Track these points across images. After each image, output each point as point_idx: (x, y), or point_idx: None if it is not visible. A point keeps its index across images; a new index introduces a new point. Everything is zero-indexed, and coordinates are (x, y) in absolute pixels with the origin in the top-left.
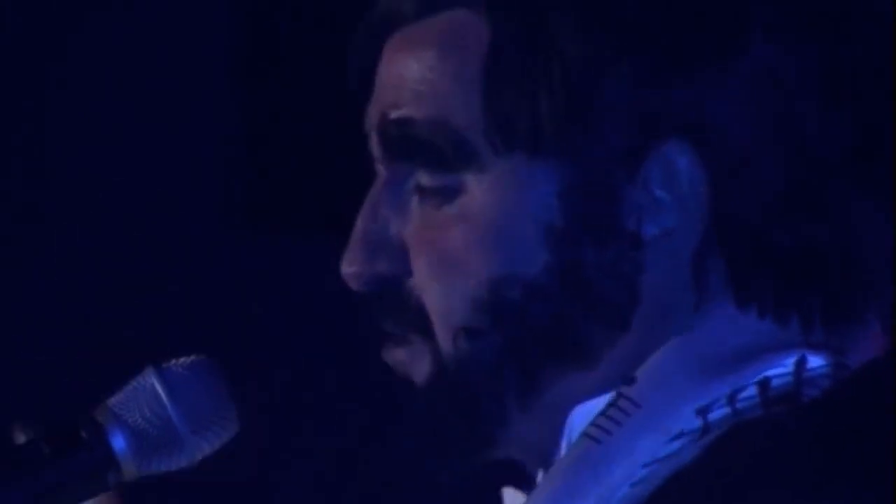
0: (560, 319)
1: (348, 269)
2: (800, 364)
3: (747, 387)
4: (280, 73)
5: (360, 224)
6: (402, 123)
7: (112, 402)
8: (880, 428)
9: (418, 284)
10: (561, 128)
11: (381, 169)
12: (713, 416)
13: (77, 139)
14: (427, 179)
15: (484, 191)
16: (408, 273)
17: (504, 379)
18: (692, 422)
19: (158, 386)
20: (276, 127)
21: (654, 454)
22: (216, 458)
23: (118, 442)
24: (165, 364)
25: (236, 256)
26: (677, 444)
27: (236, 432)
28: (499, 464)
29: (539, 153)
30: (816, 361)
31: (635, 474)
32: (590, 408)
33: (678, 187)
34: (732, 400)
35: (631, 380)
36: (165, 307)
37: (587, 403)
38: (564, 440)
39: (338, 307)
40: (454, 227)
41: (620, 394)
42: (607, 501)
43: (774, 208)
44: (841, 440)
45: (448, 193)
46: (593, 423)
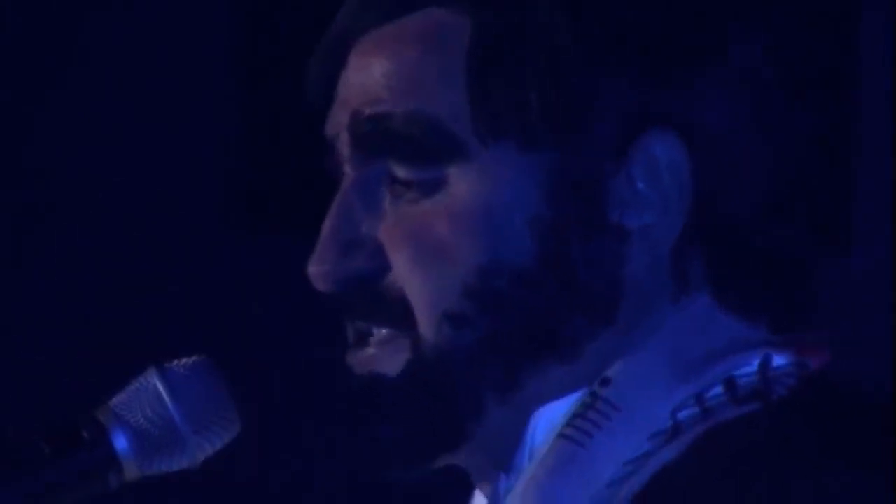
0: (545, 311)
1: (318, 269)
2: (765, 363)
3: (714, 386)
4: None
5: (330, 224)
6: (380, 118)
7: (114, 403)
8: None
9: (400, 277)
10: (548, 119)
11: (349, 170)
12: (682, 416)
13: (77, 139)
14: (404, 173)
15: (470, 183)
16: (384, 269)
17: (485, 370)
18: (664, 422)
19: (160, 386)
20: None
21: (630, 455)
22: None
23: (120, 442)
24: (167, 364)
25: (236, 256)
26: (650, 445)
27: (238, 432)
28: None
29: (527, 144)
30: (780, 360)
31: (616, 474)
32: (554, 409)
33: (661, 182)
34: (700, 400)
35: (605, 381)
36: (165, 307)
37: (551, 405)
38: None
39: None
40: (439, 219)
41: (596, 395)
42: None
43: (755, 209)
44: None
45: (428, 187)
46: (570, 425)
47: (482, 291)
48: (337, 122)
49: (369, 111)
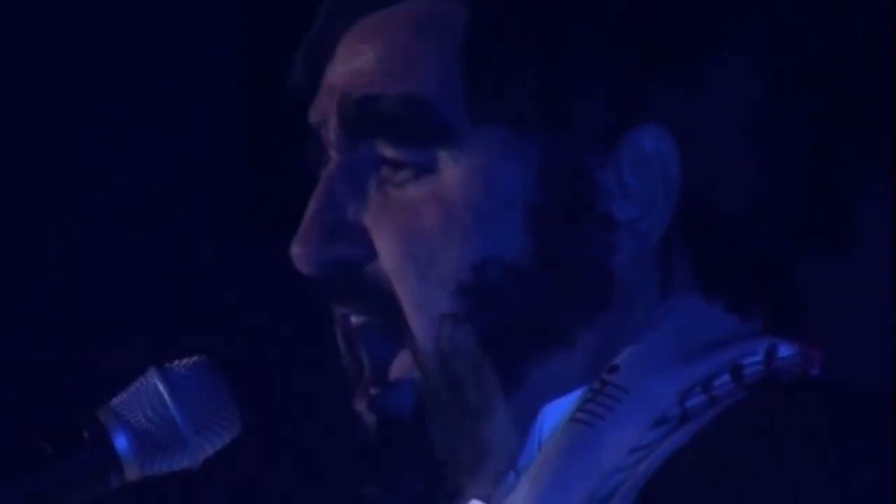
0: (539, 301)
1: (301, 250)
2: (771, 352)
3: (720, 374)
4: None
5: (314, 207)
6: (371, 100)
7: (115, 403)
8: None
9: (389, 271)
10: (539, 107)
11: (334, 154)
12: (690, 403)
13: (77, 139)
14: (393, 153)
15: (461, 168)
16: (368, 257)
17: (487, 366)
18: (672, 409)
19: (161, 386)
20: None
21: (639, 441)
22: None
23: (121, 442)
24: (168, 364)
25: (236, 257)
26: (658, 432)
27: (238, 432)
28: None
29: (518, 131)
30: (786, 350)
31: (622, 461)
32: (558, 407)
33: (648, 176)
34: (707, 387)
35: (613, 368)
36: (166, 308)
37: (557, 402)
38: (535, 439)
39: None
40: (428, 208)
41: (605, 381)
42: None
43: (744, 208)
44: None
45: (418, 169)
46: (581, 409)
47: (478, 288)
48: (322, 108)
49: (360, 92)
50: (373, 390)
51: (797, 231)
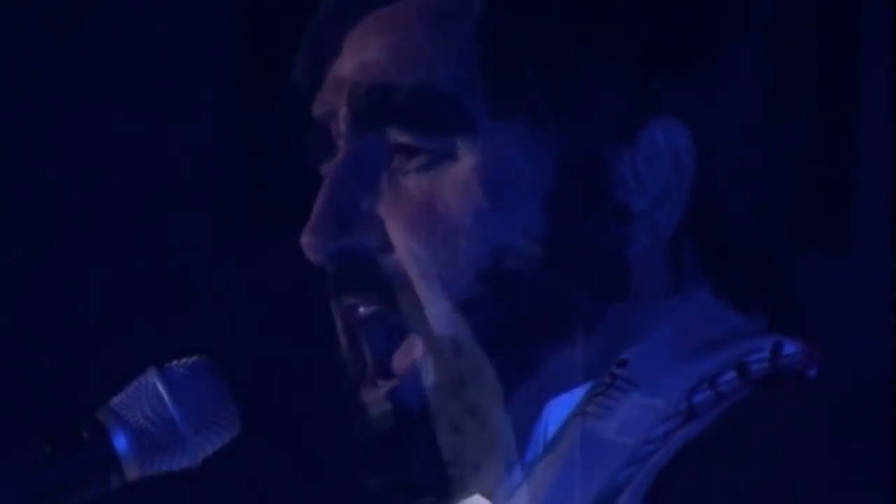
0: (555, 289)
1: (311, 240)
2: (776, 349)
3: (726, 370)
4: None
5: (326, 197)
6: (384, 89)
7: (114, 403)
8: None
9: (405, 259)
10: (555, 97)
11: (344, 144)
12: (697, 399)
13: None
14: (409, 139)
15: (480, 155)
16: (380, 246)
17: (502, 354)
18: (679, 404)
19: (160, 386)
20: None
21: (648, 435)
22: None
23: (120, 442)
24: (167, 364)
25: (236, 256)
26: (667, 426)
27: (238, 432)
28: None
29: (535, 121)
30: (790, 348)
31: (633, 455)
32: (564, 402)
33: (662, 169)
34: (714, 384)
35: (622, 362)
36: (166, 307)
37: (561, 399)
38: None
39: None
40: (444, 195)
41: (614, 375)
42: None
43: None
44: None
45: (433, 157)
46: (591, 403)
47: (494, 274)
48: (329, 101)
49: (372, 82)
50: (381, 382)
51: (797, 230)
